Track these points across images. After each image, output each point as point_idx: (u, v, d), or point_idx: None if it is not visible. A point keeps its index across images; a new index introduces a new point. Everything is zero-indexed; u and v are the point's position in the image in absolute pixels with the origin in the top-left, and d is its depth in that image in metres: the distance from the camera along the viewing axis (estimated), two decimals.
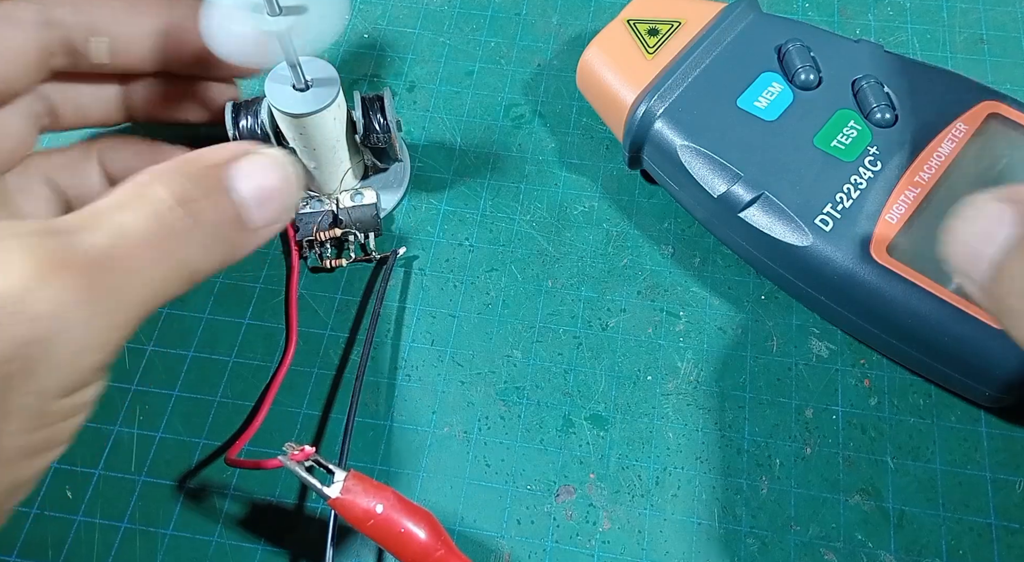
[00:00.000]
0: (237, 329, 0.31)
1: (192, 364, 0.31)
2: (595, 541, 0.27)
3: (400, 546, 0.25)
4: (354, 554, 0.27)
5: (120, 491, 0.28)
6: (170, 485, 0.29)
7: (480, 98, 0.37)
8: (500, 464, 0.29)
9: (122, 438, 0.29)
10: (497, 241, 0.33)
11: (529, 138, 0.36)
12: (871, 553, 0.27)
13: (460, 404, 0.30)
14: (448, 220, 0.34)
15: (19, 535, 0.28)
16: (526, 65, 0.38)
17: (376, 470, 0.29)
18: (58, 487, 0.29)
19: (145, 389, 0.30)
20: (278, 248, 0.33)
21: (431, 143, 0.36)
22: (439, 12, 0.39)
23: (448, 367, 0.31)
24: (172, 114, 0.32)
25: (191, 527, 0.28)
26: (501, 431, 0.29)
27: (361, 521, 0.25)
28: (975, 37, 0.37)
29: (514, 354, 0.31)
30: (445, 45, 0.38)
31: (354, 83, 0.37)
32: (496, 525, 0.28)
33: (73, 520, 0.28)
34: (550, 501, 0.28)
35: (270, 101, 0.30)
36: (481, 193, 0.34)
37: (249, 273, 0.33)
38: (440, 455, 0.29)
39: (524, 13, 0.39)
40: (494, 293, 0.32)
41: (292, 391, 0.30)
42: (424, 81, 0.37)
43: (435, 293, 0.32)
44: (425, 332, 0.31)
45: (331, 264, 0.32)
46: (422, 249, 0.33)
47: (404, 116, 0.36)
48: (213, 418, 0.30)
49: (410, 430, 0.29)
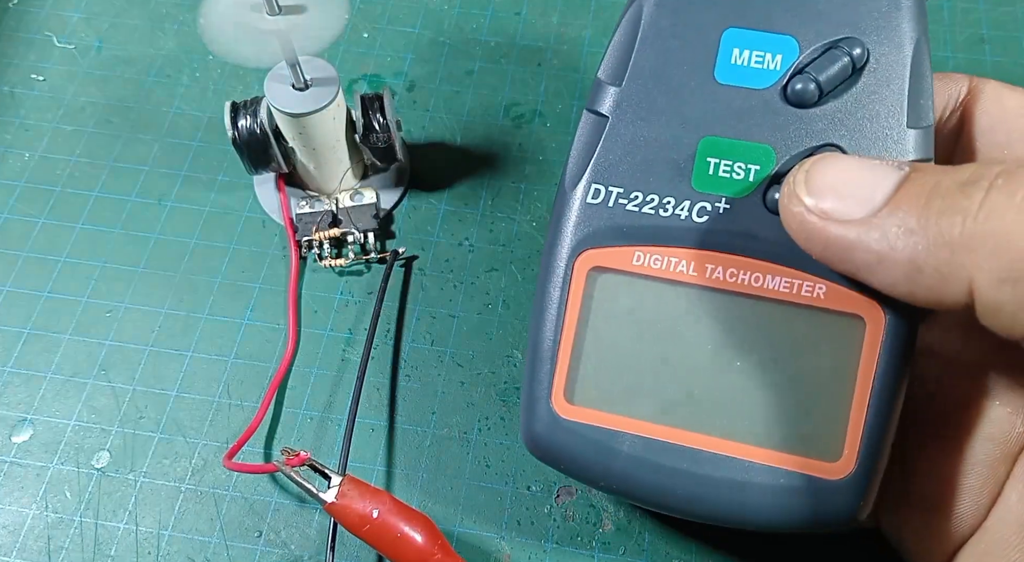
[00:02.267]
0: (237, 329, 0.31)
1: (192, 364, 0.31)
2: (595, 542, 0.27)
3: (397, 550, 0.25)
4: (354, 556, 0.27)
5: (120, 491, 0.28)
6: (170, 485, 0.29)
7: (480, 98, 0.37)
8: (500, 465, 0.29)
9: (122, 438, 0.29)
10: (497, 241, 0.33)
11: (529, 138, 0.36)
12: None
13: (460, 404, 0.30)
14: (448, 220, 0.34)
15: (19, 535, 0.28)
16: (526, 65, 0.38)
17: (376, 471, 0.29)
18: (58, 487, 0.29)
19: (145, 389, 0.30)
20: (278, 248, 0.33)
21: (431, 143, 0.36)
22: (439, 12, 0.39)
23: (448, 367, 0.31)
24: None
25: (191, 527, 0.28)
26: (501, 431, 0.29)
27: (357, 526, 0.25)
28: (976, 37, 0.37)
29: (514, 354, 0.31)
30: (445, 45, 0.38)
31: (354, 83, 0.37)
32: (496, 526, 0.28)
33: (73, 520, 0.28)
34: (550, 502, 0.28)
35: (270, 101, 0.30)
36: (481, 193, 0.34)
37: (249, 273, 0.33)
38: (440, 456, 0.29)
39: (524, 13, 0.39)
40: (494, 293, 0.32)
41: (292, 391, 0.30)
42: (424, 81, 0.37)
43: (435, 293, 0.32)
44: (425, 332, 0.31)
45: (331, 264, 0.32)
46: (422, 249, 0.33)
47: (404, 116, 0.36)
48: (213, 418, 0.30)
49: (410, 430, 0.29)
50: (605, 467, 0.22)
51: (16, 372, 0.31)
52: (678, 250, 0.22)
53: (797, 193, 0.20)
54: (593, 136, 0.23)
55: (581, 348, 0.22)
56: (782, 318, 0.21)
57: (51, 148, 0.36)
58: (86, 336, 0.31)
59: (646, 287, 0.22)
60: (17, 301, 0.32)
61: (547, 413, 0.22)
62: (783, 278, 0.21)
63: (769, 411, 0.21)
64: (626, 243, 0.22)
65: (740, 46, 0.22)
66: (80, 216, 0.34)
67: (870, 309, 0.21)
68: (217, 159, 0.35)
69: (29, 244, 0.33)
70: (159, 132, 0.36)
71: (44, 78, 0.38)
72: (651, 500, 0.23)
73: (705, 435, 0.22)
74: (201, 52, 0.38)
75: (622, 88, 0.23)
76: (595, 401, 0.22)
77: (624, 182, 0.22)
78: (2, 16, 0.39)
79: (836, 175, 0.19)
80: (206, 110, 0.37)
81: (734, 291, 0.22)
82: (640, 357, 0.22)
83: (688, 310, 0.22)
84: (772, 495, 0.21)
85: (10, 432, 0.30)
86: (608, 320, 0.22)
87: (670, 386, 0.22)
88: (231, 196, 0.34)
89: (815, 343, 0.21)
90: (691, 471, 0.22)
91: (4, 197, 0.34)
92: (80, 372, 0.31)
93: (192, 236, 0.33)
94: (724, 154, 0.22)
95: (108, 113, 0.37)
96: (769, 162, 0.22)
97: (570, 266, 0.22)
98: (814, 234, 0.19)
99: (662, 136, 0.22)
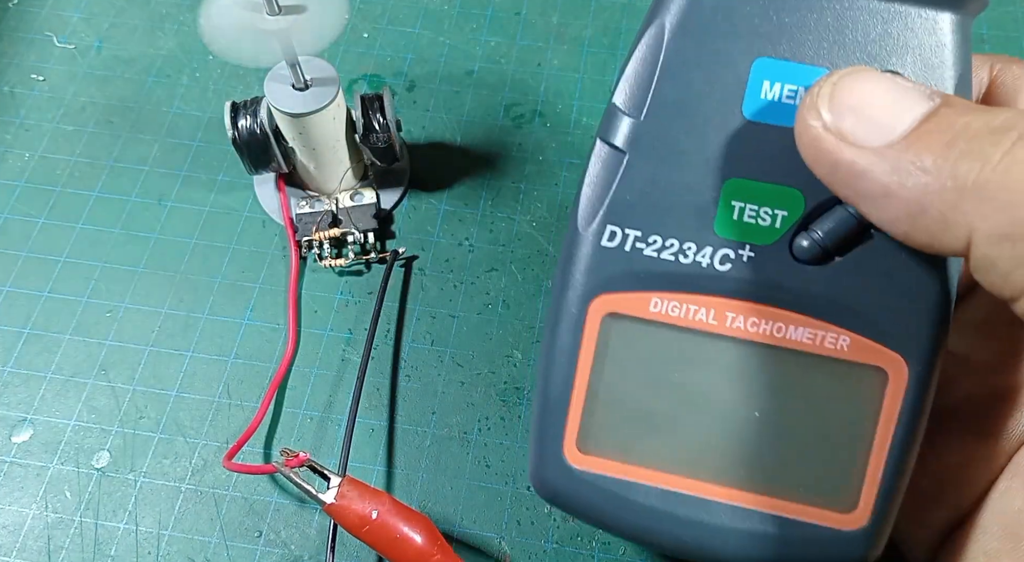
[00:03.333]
0: (237, 329, 0.31)
1: (192, 364, 0.31)
2: (595, 542, 0.27)
3: (396, 551, 0.25)
4: (354, 556, 0.27)
5: (120, 491, 0.28)
6: (170, 485, 0.29)
7: (480, 98, 0.37)
8: (500, 465, 0.29)
9: (122, 438, 0.29)
10: (497, 241, 0.33)
11: (529, 138, 0.36)
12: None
13: (460, 405, 0.30)
14: (448, 220, 0.34)
15: (19, 535, 0.28)
16: (526, 65, 0.38)
17: (376, 471, 0.29)
18: (58, 487, 0.29)
19: (145, 389, 0.30)
20: (278, 248, 0.33)
21: (431, 143, 0.36)
22: (439, 12, 0.39)
23: (448, 367, 0.31)
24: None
25: (191, 527, 0.28)
26: (501, 432, 0.29)
27: (356, 527, 0.25)
28: (975, 37, 0.37)
29: (514, 354, 0.31)
30: (445, 45, 0.38)
31: (354, 83, 0.37)
32: (496, 526, 0.28)
33: (73, 520, 0.28)
34: None
35: (269, 101, 0.30)
36: (481, 193, 0.34)
37: (249, 273, 0.33)
38: (440, 456, 0.29)
39: (524, 13, 0.39)
40: (494, 293, 0.32)
41: (292, 391, 0.30)
42: (424, 81, 0.37)
43: (435, 293, 0.32)
44: (425, 332, 0.31)
45: (331, 264, 0.32)
46: (422, 249, 0.33)
47: (404, 116, 0.36)
48: (213, 418, 0.30)
49: (410, 430, 0.29)
50: (619, 517, 0.22)
51: (16, 372, 0.31)
52: (698, 297, 0.21)
53: (818, 106, 0.18)
54: (608, 172, 0.21)
55: (595, 396, 0.22)
56: (804, 369, 0.21)
57: (51, 148, 0.36)
58: (86, 336, 0.31)
59: (664, 335, 0.21)
60: (17, 301, 0.32)
61: (559, 462, 0.22)
62: (807, 329, 0.21)
63: (787, 462, 0.21)
64: (643, 289, 0.21)
65: (771, 78, 0.21)
66: (80, 216, 0.34)
67: (893, 362, 0.20)
68: (217, 159, 0.35)
69: (29, 244, 0.33)
70: (159, 132, 0.36)
71: (44, 78, 0.38)
72: (666, 549, 0.22)
73: (721, 486, 0.21)
74: (201, 52, 0.38)
75: (641, 121, 0.21)
76: (609, 450, 0.22)
77: (642, 225, 0.21)
78: (2, 16, 0.39)
79: (862, 95, 0.18)
80: (206, 110, 0.37)
81: (755, 341, 0.21)
82: (656, 406, 0.21)
83: (706, 359, 0.21)
84: (787, 545, 0.21)
85: (10, 432, 0.30)
86: (623, 368, 0.22)
87: (686, 436, 0.21)
88: (231, 196, 0.34)
89: (836, 395, 0.21)
90: (707, 522, 0.21)
91: (4, 197, 0.34)
92: (80, 372, 0.31)
93: (192, 236, 0.33)
94: (750, 198, 0.21)
95: (108, 113, 0.37)
96: (798, 208, 0.21)
97: (583, 311, 0.21)
98: (824, 153, 0.18)
99: (684, 177, 0.21)
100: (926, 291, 0.20)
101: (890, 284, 0.20)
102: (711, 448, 0.21)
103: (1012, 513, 0.21)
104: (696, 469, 0.22)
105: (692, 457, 0.22)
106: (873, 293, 0.20)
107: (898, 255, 0.20)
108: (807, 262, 0.21)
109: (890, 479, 0.21)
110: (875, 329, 0.20)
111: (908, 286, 0.20)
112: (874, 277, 0.20)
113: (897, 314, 0.20)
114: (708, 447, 0.21)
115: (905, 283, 0.20)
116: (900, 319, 0.20)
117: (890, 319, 0.20)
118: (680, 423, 0.21)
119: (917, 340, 0.20)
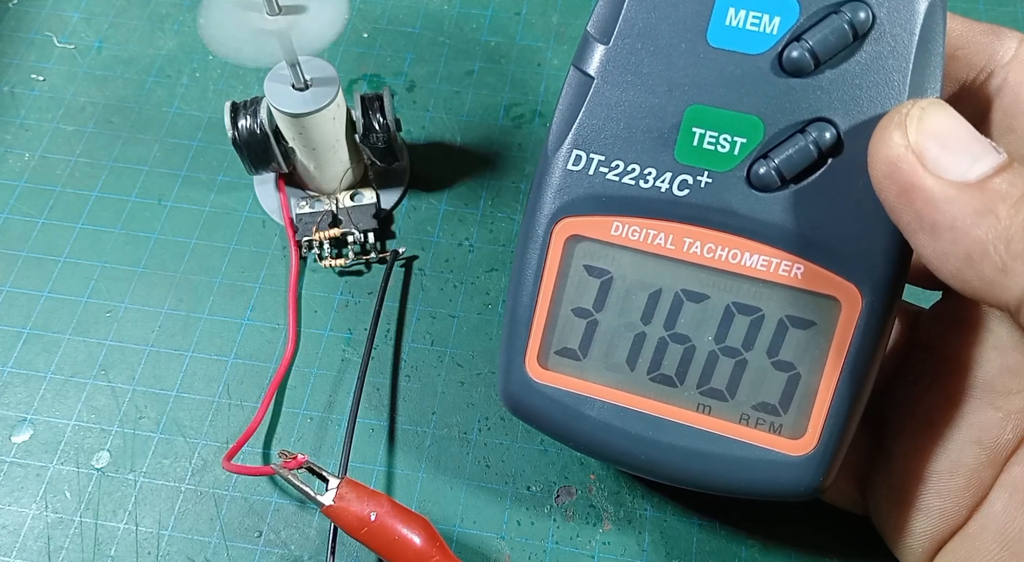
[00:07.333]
0: (237, 329, 0.31)
1: (192, 364, 0.31)
2: (595, 542, 0.27)
3: (395, 553, 0.25)
4: (354, 557, 0.27)
5: (120, 491, 0.28)
6: (170, 485, 0.29)
7: (480, 98, 0.37)
8: (500, 465, 0.29)
9: (122, 438, 0.29)
10: (497, 241, 0.33)
11: (529, 138, 0.36)
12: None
13: (460, 405, 0.30)
14: (448, 220, 0.34)
15: (19, 535, 0.28)
16: (526, 65, 0.38)
17: (376, 471, 0.29)
18: (58, 487, 0.29)
19: (145, 389, 0.30)
20: (278, 248, 0.33)
21: (431, 143, 0.36)
22: (439, 12, 0.39)
23: (448, 367, 0.31)
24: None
25: (191, 527, 0.28)
26: (501, 432, 0.29)
27: (355, 528, 0.25)
28: None
29: None
30: (445, 45, 0.38)
31: (354, 83, 0.37)
32: (496, 526, 0.28)
33: (73, 520, 0.28)
34: (550, 502, 0.28)
35: (269, 101, 0.30)
36: (481, 193, 0.34)
37: (249, 273, 0.33)
38: (440, 456, 0.29)
39: (524, 13, 0.39)
40: (494, 293, 0.32)
41: (292, 391, 0.30)
42: (424, 81, 0.37)
43: (435, 293, 0.32)
44: (425, 332, 0.31)
45: (331, 264, 0.32)
46: (422, 249, 0.33)
47: (404, 116, 0.36)
48: (213, 418, 0.30)
49: (410, 431, 0.29)
50: (574, 429, 0.23)
51: (16, 372, 0.31)
52: (657, 222, 0.22)
53: (906, 125, 0.18)
54: (577, 97, 0.22)
55: (556, 315, 0.23)
56: (757, 296, 0.21)
57: (51, 148, 0.36)
58: (86, 336, 0.31)
59: (623, 258, 0.22)
60: (17, 301, 0.32)
61: (521, 375, 0.23)
62: (761, 256, 0.21)
63: (738, 386, 0.22)
64: (605, 213, 0.22)
65: (736, 5, 0.20)
66: (80, 216, 0.34)
67: (847, 292, 0.21)
68: (217, 159, 0.35)
69: (29, 244, 0.33)
70: (159, 132, 0.36)
71: (44, 78, 0.38)
72: (619, 464, 0.23)
73: (674, 406, 0.22)
74: (201, 52, 0.38)
75: (609, 47, 0.22)
76: (567, 366, 0.23)
77: (606, 150, 0.22)
78: (2, 16, 0.39)
79: (948, 127, 0.18)
80: (206, 110, 0.37)
81: (711, 266, 0.22)
82: (614, 326, 0.22)
83: (663, 283, 0.22)
84: (734, 466, 0.22)
85: (10, 432, 0.30)
86: (583, 289, 0.22)
87: (641, 356, 0.22)
88: (231, 196, 0.34)
89: (788, 322, 0.21)
90: (657, 439, 0.22)
91: (4, 197, 0.34)
92: (80, 372, 0.31)
93: (192, 236, 0.33)
94: (710, 124, 0.21)
95: (108, 113, 0.37)
96: (756, 135, 0.21)
97: (548, 233, 0.22)
98: (901, 174, 0.18)
99: (647, 102, 0.21)
100: (882, 222, 0.19)
101: (846, 214, 0.20)
102: (665, 369, 0.22)
103: (1015, 532, 0.21)
104: (649, 389, 0.22)
105: (645, 377, 0.22)
106: (829, 222, 0.21)
107: (855, 184, 0.20)
108: (764, 190, 0.21)
109: (839, 409, 0.21)
110: (830, 258, 0.21)
111: (864, 216, 0.20)
112: (830, 206, 0.20)
113: (852, 244, 0.20)
114: (661, 368, 0.22)
115: (861, 213, 0.20)
116: (855, 249, 0.20)
117: (845, 248, 0.20)
118: (636, 344, 0.22)
119: (872, 271, 0.20)
